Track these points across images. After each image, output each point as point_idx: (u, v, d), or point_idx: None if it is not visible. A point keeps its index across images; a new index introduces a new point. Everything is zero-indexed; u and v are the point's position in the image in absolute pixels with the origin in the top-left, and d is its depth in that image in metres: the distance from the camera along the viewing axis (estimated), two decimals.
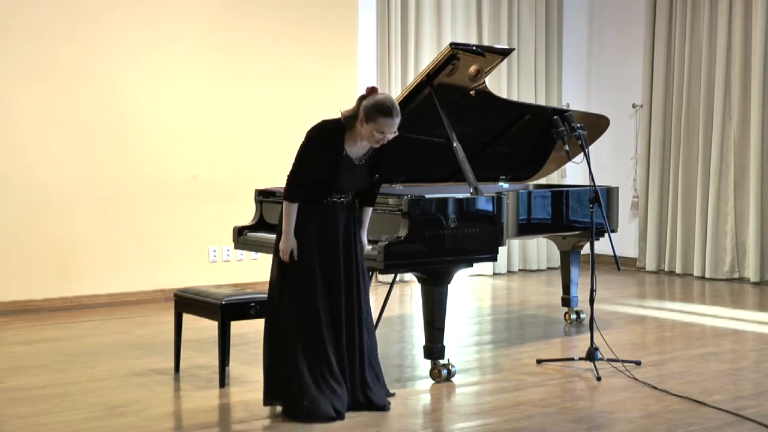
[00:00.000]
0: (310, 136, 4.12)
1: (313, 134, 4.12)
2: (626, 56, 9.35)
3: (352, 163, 4.16)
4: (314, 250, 4.15)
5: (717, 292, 7.85)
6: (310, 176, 4.11)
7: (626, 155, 9.33)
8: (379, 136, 4.07)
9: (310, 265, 4.14)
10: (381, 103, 4.07)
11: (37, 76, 6.73)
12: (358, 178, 4.21)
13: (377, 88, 4.17)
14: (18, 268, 6.69)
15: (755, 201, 8.21)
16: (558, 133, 5.17)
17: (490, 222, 4.90)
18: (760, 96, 8.16)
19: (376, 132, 4.05)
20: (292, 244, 4.14)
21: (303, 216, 4.15)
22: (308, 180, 4.11)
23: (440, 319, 4.73)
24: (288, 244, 4.14)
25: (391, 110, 4.06)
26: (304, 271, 4.13)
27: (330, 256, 4.17)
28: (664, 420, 4.08)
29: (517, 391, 4.57)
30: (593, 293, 4.96)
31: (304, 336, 4.10)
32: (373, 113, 4.04)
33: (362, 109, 4.07)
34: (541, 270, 9.28)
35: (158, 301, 7.15)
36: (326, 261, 4.16)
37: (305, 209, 4.15)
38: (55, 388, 4.59)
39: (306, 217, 4.15)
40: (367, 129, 4.06)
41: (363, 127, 4.07)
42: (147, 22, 7.13)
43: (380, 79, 8.32)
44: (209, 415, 4.18)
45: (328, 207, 4.18)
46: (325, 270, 4.16)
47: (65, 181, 6.85)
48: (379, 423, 4.04)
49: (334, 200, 4.19)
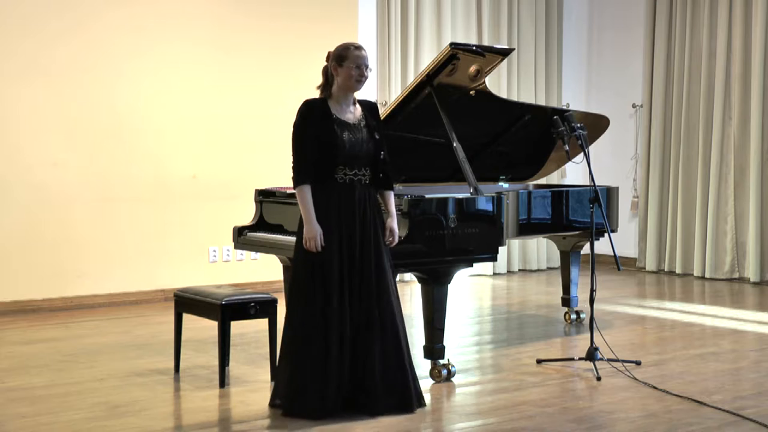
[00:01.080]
0: (299, 114, 4.15)
1: (299, 112, 4.15)
2: (626, 56, 9.35)
3: (348, 124, 4.12)
4: (334, 242, 4.04)
5: (717, 292, 7.85)
6: (313, 152, 4.06)
7: (626, 155, 9.33)
8: (357, 72, 4.10)
9: (329, 261, 4.03)
10: (343, 44, 4.18)
11: (36, 75, 6.74)
12: (362, 140, 4.12)
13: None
14: (18, 268, 6.69)
15: (755, 201, 8.21)
16: (558, 133, 5.17)
17: (490, 222, 4.90)
18: (760, 96, 8.16)
19: (352, 70, 4.09)
20: (317, 230, 4.03)
21: (320, 202, 4.05)
22: (312, 157, 4.06)
23: (440, 319, 4.73)
24: (312, 230, 4.02)
25: (354, 44, 4.19)
26: (324, 268, 4.03)
27: (351, 245, 4.08)
28: (664, 420, 4.08)
29: (517, 391, 4.57)
30: (593, 293, 4.96)
31: (310, 336, 4.06)
32: (341, 53, 4.13)
33: (329, 62, 4.14)
34: (541, 270, 9.29)
35: (158, 301, 7.15)
36: (347, 249, 4.07)
37: (319, 193, 4.05)
38: (55, 388, 4.60)
39: (323, 202, 4.05)
40: (343, 72, 4.10)
41: (339, 75, 4.11)
42: (146, 21, 7.14)
43: (380, 78, 8.32)
44: (209, 415, 4.18)
45: (345, 187, 4.10)
46: (344, 261, 4.07)
47: (65, 181, 6.85)
48: (379, 422, 4.04)
49: (350, 177, 4.10)
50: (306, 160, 4.07)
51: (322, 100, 4.19)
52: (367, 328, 4.11)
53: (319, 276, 4.06)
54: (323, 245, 4.04)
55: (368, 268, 4.12)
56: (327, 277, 4.05)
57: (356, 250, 4.10)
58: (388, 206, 4.27)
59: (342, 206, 4.10)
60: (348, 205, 4.10)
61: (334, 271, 4.06)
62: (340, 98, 4.17)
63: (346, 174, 4.11)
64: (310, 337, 4.06)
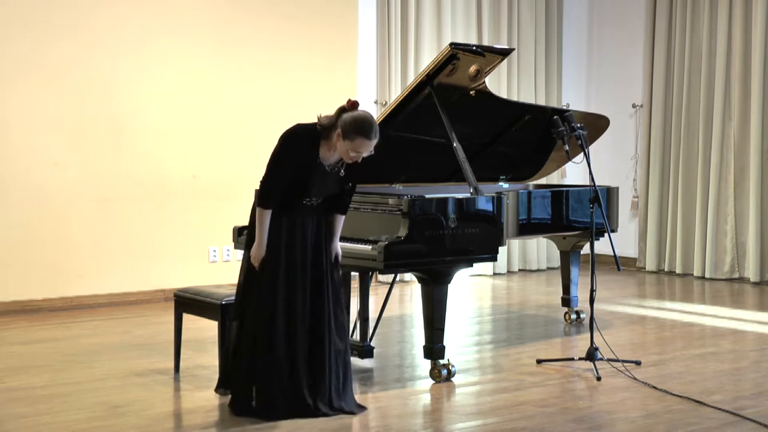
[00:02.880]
0: (283, 142, 4.04)
1: (286, 140, 4.04)
2: (626, 56, 9.35)
3: (324, 170, 4.09)
4: (281, 258, 4.10)
5: (717, 292, 7.85)
6: (284, 182, 4.05)
7: (626, 155, 9.33)
8: (354, 155, 4.00)
9: (274, 275, 4.09)
10: (361, 122, 3.95)
11: (36, 75, 6.73)
12: (330, 185, 4.14)
13: (359, 103, 4.07)
14: (18, 268, 6.69)
15: (755, 201, 8.21)
16: (558, 133, 5.17)
17: (490, 222, 4.90)
18: (760, 96, 8.16)
19: (351, 150, 3.98)
20: (263, 253, 4.10)
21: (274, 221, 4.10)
22: (282, 183, 4.05)
23: (440, 319, 4.73)
24: (260, 251, 4.10)
25: (369, 131, 3.95)
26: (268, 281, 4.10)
27: (296, 261, 4.12)
28: (664, 420, 4.08)
29: (517, 391, 4.57)
30: (593, 293, 4.96)
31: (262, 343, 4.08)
32: (352, 132, 3.94)
33: (341, 123, 3.97)
34: (541, 270, 9.29)
35: (158, 301, 7.15)
36: (292, 267, 4.11)
37: (276, 213, 4.09)
38: (55, 388, 4.59)
39: (277, 223, 4.10)
40: (344, 146, 3.98)
41: (339, 142, 3.99)
42: (145, 20, 7.13)
43: (380, 78, 8.32)
44: (209, 415, 4.17)
45: (298, 211, 4.12)
46: (290, 277, 4.11)
47: (65, 181, 6.85)
48: (379, 423, 4.04)
49: (304, 203, 4.12)
50: (274, 190, 4.06)
51: (313, 132, 4.06)
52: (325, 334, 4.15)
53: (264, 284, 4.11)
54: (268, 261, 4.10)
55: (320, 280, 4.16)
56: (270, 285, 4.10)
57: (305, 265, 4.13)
58: (336, 227, 4.27)
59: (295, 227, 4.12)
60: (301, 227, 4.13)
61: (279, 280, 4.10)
62: (331, 146, 4.07)
63: (308, 201, 4.13)
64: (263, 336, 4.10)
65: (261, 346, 4.09)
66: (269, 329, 4.09)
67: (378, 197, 4.82)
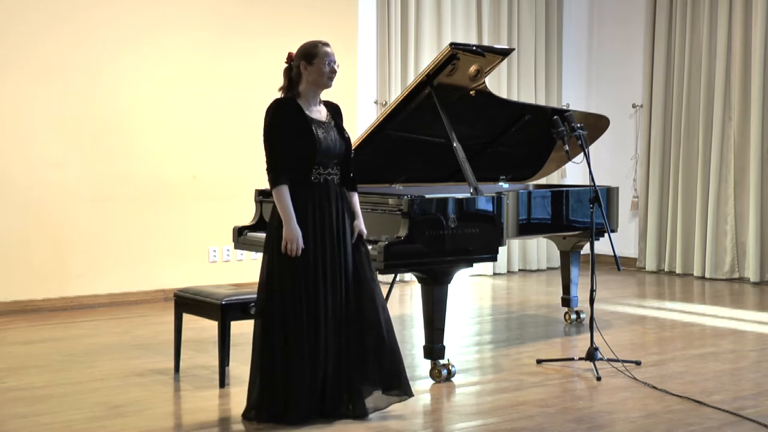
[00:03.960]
0: (272, 112, 4.04)
1: (274, 109, 4.05)
2: (626, 56, 9.36)
3: (320, 123, 4.06)
4: (309, 242, 3.96)
5: (717, 292, 7.85)
6: (288, 150, 3.97)
7: (626, 155, 9.33)
8: (328, 68, 4.05)
9: (305, 262, 3.95)
10: (308, 43, 4.09)
11: (36, 74, 6.73)
12: (335, 139, 4.06)
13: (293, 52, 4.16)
14: (18, 268, 6.69)
15: (755, 201, 8.21)
16: (558, 133, 5.17)
17: (490, 222, 4.90)
18: (760, 96, 8.16)
19: (324, 67, 4.03)
20: (297, 233, 3.93)
21: (297, 202, 3.97)
22: (287, 155, 3.97)
23: (440, 319, 4.73)
24: (292, 232, 3.92)
25: (321, 41, 4.09)
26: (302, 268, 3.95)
27: (324, 243, 4.00)
28: (664, 420, 4.08)
29: (517, 391, 4.57)
30: (593, 293, 4.96)
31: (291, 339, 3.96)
32: (310, 51, 4.06)
33: (297, 60, 4.07)
34: (541, 270, 9.29)
35: (158, 301, 7.15)
36: (321, 248, 3.99)
37: (295, 193, 3.97)
38: (55, 388, 4.60)
39: (301, 203, 3.98)
40: (314, 70, 4.04)
41: (309, 73, 4.04)
42: (147, 21, 7.13)
43: (380, 78, 8.32)
44: (209, 415, 4.17)
45: (320, 187, 4.04)
46: (319, 260, 3.98)
47: (65, 181, 6.85)
48: (379, 423, 4.04)
49: (325, 177, 4.04)
50: (282, 159, 3.98)
51: (291, 99, 4.10)
52: (348, 324, 4.06)
53: (301, 279, 3.96)
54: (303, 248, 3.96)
55: (347, 266, 4.06)
56: (308, 279, 3.96)
57: (336, 250, 4.03)
58: (355, 207, 4.20)
59: (318, 207, 4.03)
60: (324, 206, 4.04)
61: (316, 272, 3.98)
62: (309, 97, 4.10)
63: (320, 174, 4.06)
64: (295, 341, 3.95)
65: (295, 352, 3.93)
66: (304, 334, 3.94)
67: (378, 197, 4.82)
